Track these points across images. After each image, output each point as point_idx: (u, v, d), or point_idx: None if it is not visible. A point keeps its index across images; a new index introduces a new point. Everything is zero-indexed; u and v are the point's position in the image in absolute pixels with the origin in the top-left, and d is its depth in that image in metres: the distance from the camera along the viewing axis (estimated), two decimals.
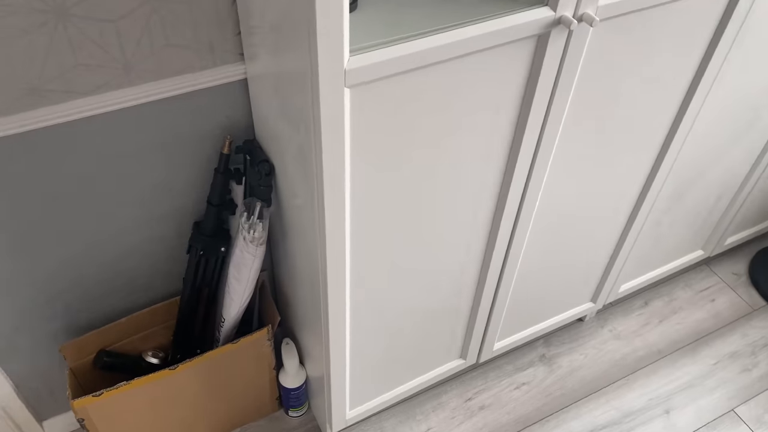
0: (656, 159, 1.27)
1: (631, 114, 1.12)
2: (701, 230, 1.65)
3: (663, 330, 1.72)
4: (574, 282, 1.49)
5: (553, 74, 0.93)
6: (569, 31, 0.89)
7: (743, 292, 1.82)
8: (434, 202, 1.02)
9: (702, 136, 1.30)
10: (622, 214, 1.37)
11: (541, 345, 1.67)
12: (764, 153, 1.49)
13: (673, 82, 1.11)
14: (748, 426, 1.53)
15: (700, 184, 1.46)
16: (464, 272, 1.22)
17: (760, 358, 1.67)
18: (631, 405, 1.56)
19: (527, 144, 1.02)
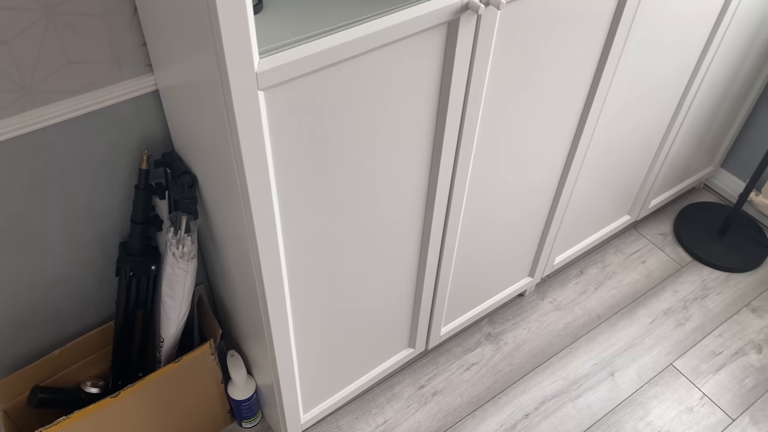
0: (576, 129, 1.31)
1: (549, 88, 1.15)
2: (626, 196, 1.72)
3: (600, 296, 1.78)
4: (511, 259, 1.52)
5: (467, 59, 0.94)
6: (478, 15, 0.90)
7: (671, 251, 1.91)
8: (365, 198, 1.02)
9: (617, 103, 1.35)
10: (549, 187, 1.40)
11: (486, 324, 1.70)
12: (675, 117, 1.55)
13: (584, 55, 1.15)
14: (687, 378, 1.61)
15: (620, 151, 1.51)
16: (403, 265, 1.22)
17: (692, 311, 1.75)
18: (577, 372, 1.61)
19: (450, 131, 1.03)
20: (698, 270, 1.86)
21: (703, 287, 1.81)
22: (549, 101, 1.17)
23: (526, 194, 1.35)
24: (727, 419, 1.53)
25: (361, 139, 0.93)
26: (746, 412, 1.54)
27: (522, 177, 1.29)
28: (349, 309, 1.20)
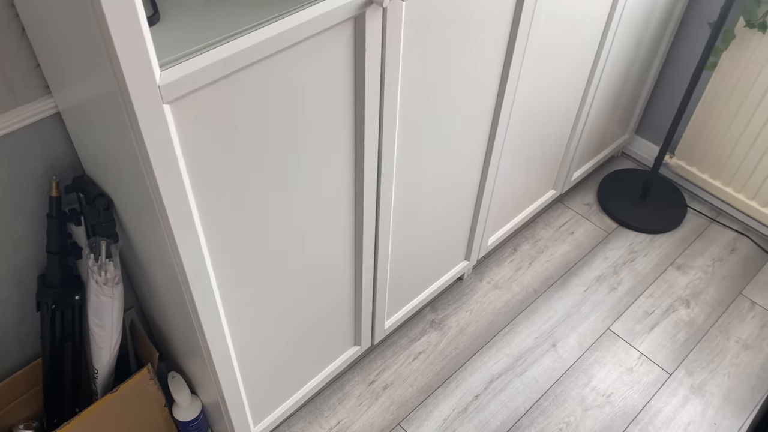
0: (494, 111, 1.33)
1: (464, 73, 1.16)
2: (549, 171, 1.76)
3: (535, 270, 1.83)
4: (446, 245, 1.53)
5: (378, 53, 0.94)
6: (383, 8, 0.89)
7: (597, 219, 1.98)
8: (291, 203, 1.00)
9: (530, 82, 1.38)
10: (475, 170, 1.42)
11: (429, 312, 1.72)
12: (587, 90, 1.60)
13: (494, 37, 1.16)
14: (624, 340, 1.67)
15: (538, 128, 1.55)
16: (339, 265, 1.21)
17: (622, 275, 1.82)
18: (520, 347, 1.65)
19: (370, 126, 1.02)
20: (624, 235, 1.93)
21: (631, 251, 1.89)
22: (465, 86, 1.18)
23: (453, 180, 1.37)
24: (664, 374, 1.60)
25: (279, 144, 0.91)
26: (681, 365, 1.62)
27: (447, 163, 1.30)
28: (288, 315, 1.18)
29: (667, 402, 1.55)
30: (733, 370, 1.61)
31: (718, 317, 1.72)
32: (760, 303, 1.76)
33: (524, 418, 1.51)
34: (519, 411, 1.52)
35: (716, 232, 1.94)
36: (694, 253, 1.88)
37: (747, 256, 1.88)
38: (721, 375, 1.60)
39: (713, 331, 1.69)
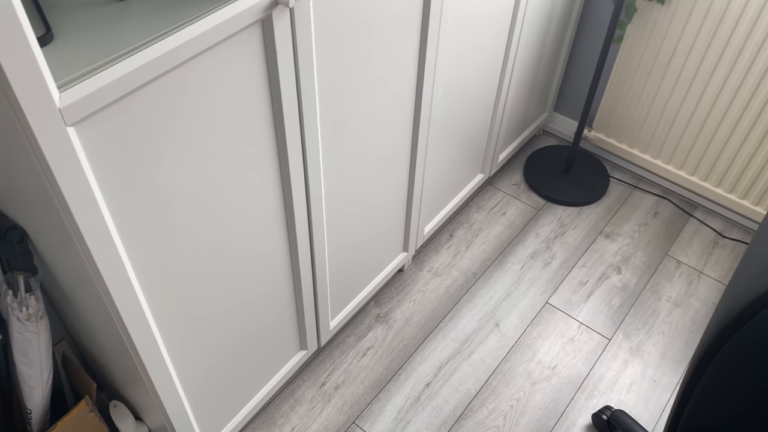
0: (415, 100, 1.34)
1: (381, 63, 1.16)
2: (475, 155, 1.79)
3: (472, 254, 1.86)
4: (383, 239, 1.54)
5: (290, 53, 0.92)
6: (290, 9, 0.88)
7: (526, 198, 2.03)
8: (217, 216, 0.97)
9: (448, 68, 1.39)
10: (403, 161, 1.43)
11: (373, 307, 1.72)
12: (504, 72, 1.64)
13: (407, 25, 1.17)
14: (563, 311, 1.72)
15: (460, 113, 1.57)
16: (275, 273, 1.19)
17: (555, 249, 1.88)
18: (465, 331, 1.67)
19: (291, 127, 1.01)
20: (553, 210, 1.99)
21: (561, 225, 1.95)
22: (384, 76, 1.19)
23: (383, 174, 1.37)
24: (604, 340, 1.67)
25: (197, 154, 0.88)
26: (619, 330, 1.69)
27: (375, 157, 1.30)
28: (228, 329, 1.16)
29: (609, 366, 1.61)
30: (666, 328, 1.69)
31: (648, 279, 1.80)
32: (684, 261, 1.85)
33: (476, 399, 1.54)
34: (470, 393, 1.55)
35: (639, 198, 2.03)
36: (620, 221, 1.96)
37: (669, 218, 1.97)
38: (656, 334, 1.68)
39: (645, 293, 1.77)
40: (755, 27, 1.57)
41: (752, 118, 1.70)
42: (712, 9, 1.61)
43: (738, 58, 1.64)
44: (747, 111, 1.71)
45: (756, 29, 1.57)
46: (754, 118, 1.70)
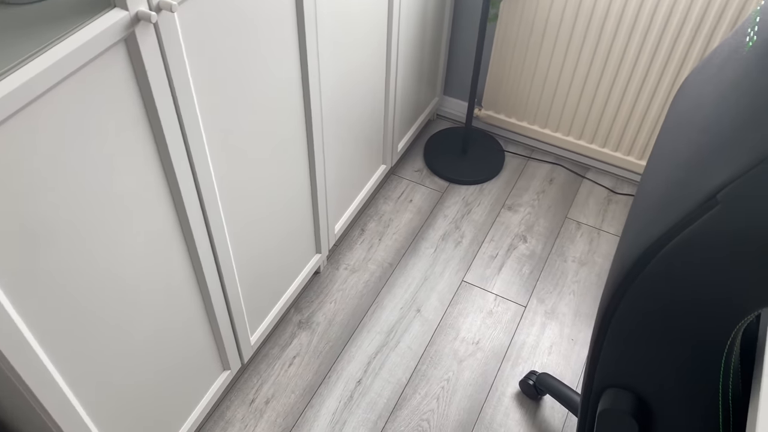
0: (303, 98, 1.32)
1: (261, 67, 1.13)
2: (374, 148, 1.80)
3: (385, 245, 1.87)
4: (294, 245, 1.51)
5: (161, 69, 0.88)
6: (153, 24, 0.84)
7: (430, 182, 2.06)
8: (110, 253, 0.92)
9: (331, 63, 1.39)
10: (302, 163, 1.41)
11: (294, 314, 1.70)
12: (389, 61, 1.65)
13: (283, 24, 1.15)
14: (479, 287, 1.77)
15: (352, 108, 1.57)
16: (183, 300, 1.15)
17: (464, 228, 1.92)
18: (389, 322, 1.68)
19: (175, 147, 0.97)
20: (457, 190, 2.03)
21: (465, 204, 1.99)
22: (267, 77, 1.16)
23: (282, 176, 1.35)
24: (520, 308, 1.73)
25: (79, 191, 0.83)
26: (533, 296, 1.76)
27: (271, 161, 1.28)
28: (144, 367, 1.10)
29: (528, 333, 1.67)
30: (576, 287, 1.78)
31: (553, 244, 1.88)
32: (584, 221, 1.95)
33: (407, 387, 1.56)
34: (401, 382, 1.56)
35: (534, 168, 2.11)
36: (520, 192, 2.03)
37: (564, 183, 2.06)
38: (567, 294, 1.76)
39: (552, 257, 1.85)
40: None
41: (624, 80, 1.81)
42: None
43: (604, 25, 1.74)
44: (619, 74, 1.81)
45: (614, 1, 1.67)
46: (626, 80, 1.81)
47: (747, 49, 0.65)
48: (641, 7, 1.66)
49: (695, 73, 0.80)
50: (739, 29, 0.72)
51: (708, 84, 0.71)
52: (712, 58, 0.77)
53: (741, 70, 0.64)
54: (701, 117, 0.67)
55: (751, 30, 0.66)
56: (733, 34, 0.73)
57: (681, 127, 0.71)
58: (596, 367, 0.79)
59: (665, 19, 1.65)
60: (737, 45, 0.69)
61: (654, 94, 1.80)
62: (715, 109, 0.65)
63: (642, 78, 1.79)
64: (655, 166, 0.74)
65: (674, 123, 0.75)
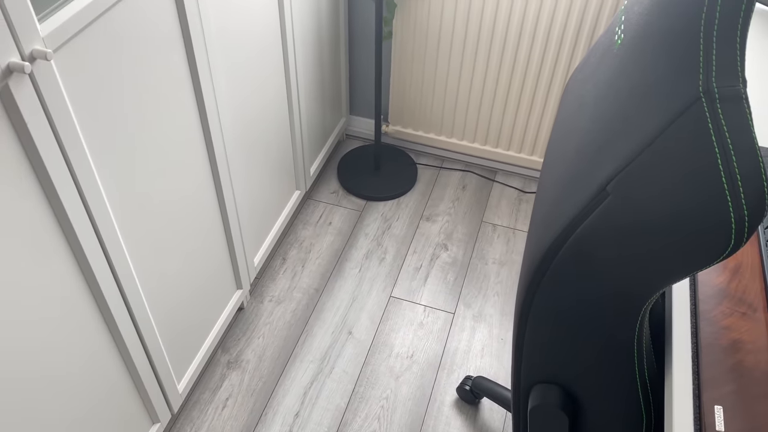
0: (203, 133, 1.29)
1: (159, 105, 1.10)
2: (286, 174, 1.78)
3: (309, 271, 1.85)
4: (212, 284, 1.47)
5: (43, 121, 0.84)
6: (28, 75, 0.80)
7: (347, 202, 2.06)
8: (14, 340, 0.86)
9: (228, 95, 1.36)
10: (210, 199, 1.38)
11: (221, 354, 1.64)
12: (289, 88, 1.64)
13: (173, 61, 1.12)
14: (407, 300, 1.78)
15: (257, 137, 1.55)
16: (101, 364, 1.09)
17: (385, 244, 1.93)
18: (321, 348, 1.66)
19: (71, 205, 0.92)
20: (375, 207, 2.04)
21: (385, 220, 2.01)
22: (162, 116, 1.13)
23: (192, 216, 1.31)
24: (449, 316, 1.75)
25: None
26: (459, 302, 1.78)
27: (178, 203, 1.24)
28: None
29: (459, 339, 1.69)
30: (499, 288, 1.82)
31: (473, 248, 1.92)
32: (499, 223, 2.00)
33: (347, 412, 1.54)
34: (341, 408, 1.54)
35: (446, 177, 2.15)
36: (436, 202, 2.07)
37: (476, 188, 2.11)
38: (492, 296, 1.80)
39: (473, 262, 1.89)
40: (498, 7, 1.74)
41: (518, 84, 1.88)
42: None
43: (493, 34, 1.80)
44: (513, 79, 1.88)
45: (500, 10, 1.74)
46: (520, 84, 1.88)
47: (617, 48, 0.69)
48: (525, 12, 1.74)
49: (577, 73, 0.84)
50: (610, 28, 0.76)
51: (587, 82, 0.74)
52: (590, 57, 0.81)
53: (614, 67, 0.67)
54: (584, 115, 0.70)
55: (619, 29, 0.70)
56: (605, 33, 0.78)
57: (568, 125, 0.75)
58: (521, 365, 0.81)
59: (549, 21, 1.73)
60: (609, 43, 0.73)
61: (547, 95, 1.89)
62: (595, 106, 0.68)
63: (534, 81, 1.87)
64: (549, 165, 0.77)
65: (562, 121, 0.78)
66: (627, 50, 0.65)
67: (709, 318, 0.70)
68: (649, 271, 0.59)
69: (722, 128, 0.53)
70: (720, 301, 0.72)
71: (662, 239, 0.55)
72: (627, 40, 0.66)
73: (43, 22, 0.82)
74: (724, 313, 0.71)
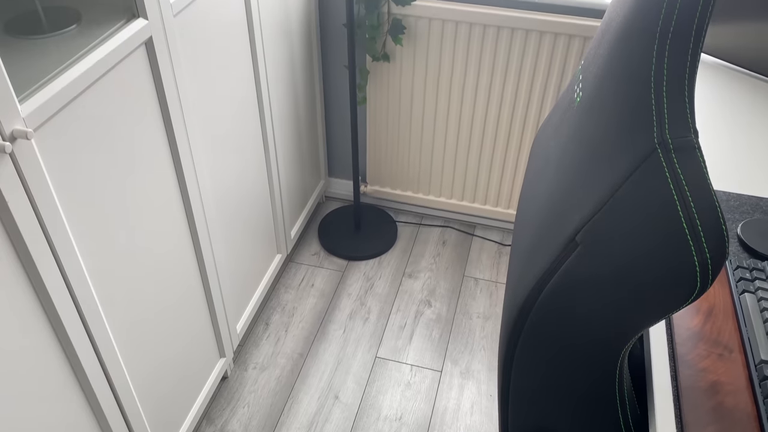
0: (183, 203, 1.30)
1: (138, 175, 1.11)
2: (267, 238, 1.79)
3: (293, 335, 1.83)
4: (195, 354, 1.45)
5: (23, 199, 0.85)
6: (8, 154, 0.81)
7: (329, 263, 2.07)
8: None
9: (208, 166, 1.39)
10: (190, 269, 1.38)
11: (206, 425, 1.60)
12: (268, 153, 1.67)
13: (152, 133, 1.14)
14: (393, 360, 1.77)
15: (237, 203, 1.56)
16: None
17: (369, 303, 1.93)
18: (308, 415, 1.63)
19: (52, 283, 0.92)
20: (357, 267, 2.05)
21: (367, 279, 2.01)
22: (142, 186, 1.14)
23: (172, 285, 1.30)
24: (436, 374, 1.73)
25: None
26: (446, 359, 1.77)
27: (157, 274, 1.24)
28: None
29: (448, 397, 1.68)
30: (485, 343, 1.81)
31: (456, 304, 1.93)
32: (480, 277, 2.01)
33: None
34: None
35: (426, 233, 2.18)
36: (417, 258, 2.08)
37: (456, 243, 2.14)
38: (478, 351, 1.79)
39: (458, 317, 1.89)
40: (466, 71, 1.81)
41: (491, 140, 1.94)
42: (428, 61, 1.83)
43: (463, 92, 1.87)
44: (485, 136, 1.94)
45: (468, 74, 1.81)
46: (492, 140, 1.94)
47: (576, 104, 0.72)
48: (492, 76, 1.81)
49: (542, 128, 0.88)
50: (569, 87, 0.80)
51: (552, 138, 0.78)
52: (554, 114, 0.85)
53: (575, 123, 0.71)
54: (551, 169, 0.73)
55: (578, 87, 0.74)
56: (566, 91, 0.82)
57: (536, 179, 0.78)
58: (507, 415, 0.81)
59: (515, 82, 1.80)
60: (570, 101, 0.77)
61: (519, 149, 1.94)
62: (560, 160, 0.71)
63: (506, 136, 1.92)
64: (521, 219, 0.79)
65: (531, 176, 0.81)
66: (586, 107, 0.69)
67: (686, 361, 0.72)
68: (622, 317, 0.61)
69: (679, 176, 0.56)
70: (696, 344, 0.74)
71: (631, 286, 0.57)
72: (585, 97, 0.70)
73: (24, 102, 0.84)
74: (701, 355, 0.72)
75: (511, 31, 1.72)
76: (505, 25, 1.70)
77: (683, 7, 0.57)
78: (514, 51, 1.75)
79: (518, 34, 1.72)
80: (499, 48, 1.76)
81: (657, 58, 0.59)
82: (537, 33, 1.71)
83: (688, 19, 0.57)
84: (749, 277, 0.79)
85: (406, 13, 1.76)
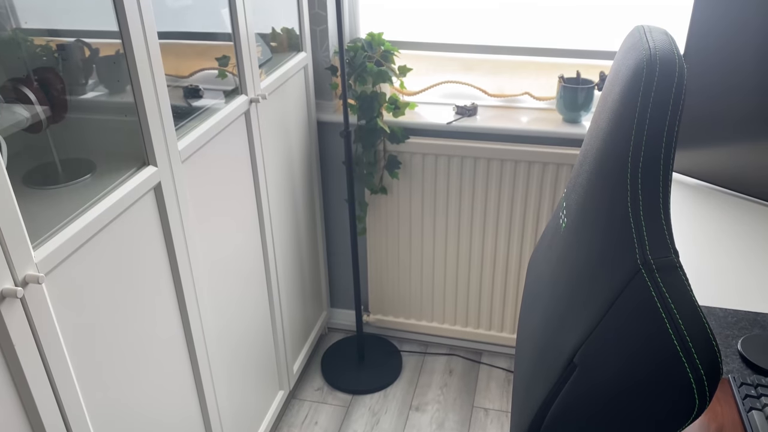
0: (187, 344, 1.30)
1: (144, 319, 1.13)
2: (269, 375, 1.77)
3: None
4: None
5: (30, 341, 0.86)
6: (20, 299, 0.84)
7: (332, 399, 2.02)
8: None
9: (211, 307, 1.40)
10: (192, 409, 1.35)
11: None
12: (270, 289, 1.70)
13: (158, 282, 1.17)
14: None
15: (239, 340, 1.56)
16: None
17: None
18: None
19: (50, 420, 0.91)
20: (361, 402, 2.00)
21: (372, 414, 1.95)
22: (146, 330, 1.15)
23: (171, 426, 1.27)
24: None
25: None
26: None
27: (159, 416, 1.21)
28: None
29: None
30: None
31: None
32: (490, 407, 1.96)
33: None
34: None
35: (432, 363, 2.14)
36: (424, 390, 2.03)
37: (463, 372, 2.10)
38: None
39: None
40: (461, 201, 1.89)
41: (490, 267, 1.98)
42: (424, 192, 1.91)
43: (460, 221, 1.93)
44: (484, 263, 1.98)
45: (462, 204, 1.89)
46: (491, 267, 1.97)
47: (563, 230, 0.76)
48: (486, 205, 1.88)
49: (534, 253, 0.91)
50: (555, 213, 0.85)
51: (543, 262, 0.81)
52: (543, 239, 0.88)
53: (562, 247, 0.74)
54: (544, 292, 0.76)
55: (562, 213, 0.78)
56: (552, 218, 0.86)
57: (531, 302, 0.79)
58: None
59: (509, 209, 1.87)
60: (556, 227, 0.81)
61: (519, 272, 1.97)
62: (552, 284, 0.73)
63: (504, 262, 1.96)
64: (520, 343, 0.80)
65: (526, 299, 0.83)
66: (571, 232, 0.73)
67: None
68: None
69: (665, 295, 0.58)
70: None
71: (631, 406, 0.57)
72: (570, 222, 0.74)
73: (38, 249, 0.88)
74: None
75: (501, 162, 1.81)
76: (494, 157, 1.80)
77: (650, 138, 0.62)
78: (505, 180, 1.83)
79: (508, 165, 1.81)
80: (490, 178, 1.84)
81: (631, 186, 0.63)
82: (525, 163, 1.80)
83: (656, 148, 0.62)
84: (755, 393, 0.78)
85: (400, 149, 1.87)
